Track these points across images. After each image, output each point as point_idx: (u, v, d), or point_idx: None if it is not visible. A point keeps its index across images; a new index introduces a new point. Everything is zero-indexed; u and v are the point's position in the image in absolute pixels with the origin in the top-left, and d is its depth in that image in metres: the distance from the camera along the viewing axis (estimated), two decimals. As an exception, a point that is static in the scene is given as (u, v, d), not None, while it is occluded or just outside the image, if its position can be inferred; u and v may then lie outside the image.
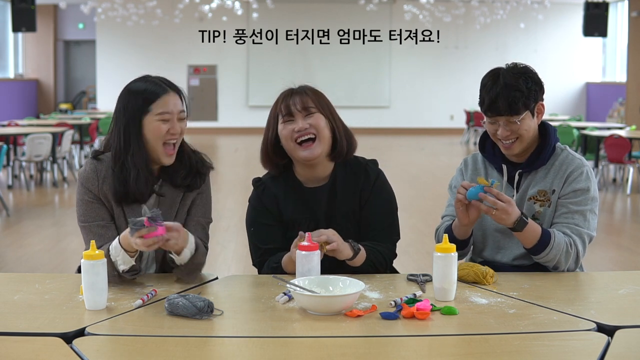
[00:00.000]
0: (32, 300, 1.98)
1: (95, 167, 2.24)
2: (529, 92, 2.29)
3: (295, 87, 2.39)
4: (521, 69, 2.33)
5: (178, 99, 2.26)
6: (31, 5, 12.47)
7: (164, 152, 2.23)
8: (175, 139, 2.24)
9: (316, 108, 2.32)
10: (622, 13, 16.49)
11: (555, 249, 2.26)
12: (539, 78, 2.35)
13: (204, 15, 16.75)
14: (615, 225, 7.44)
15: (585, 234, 2.32)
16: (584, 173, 2.35)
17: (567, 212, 2.34)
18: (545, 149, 2.39)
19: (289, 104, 2.32)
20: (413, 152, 14.35)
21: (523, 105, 2.28)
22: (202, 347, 1.69)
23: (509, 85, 2.27)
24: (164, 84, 2.26)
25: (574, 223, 2.32)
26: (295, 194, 2.38)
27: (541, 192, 2.38)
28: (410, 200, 8.04)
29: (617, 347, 1.65)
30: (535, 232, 2.26)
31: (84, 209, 2.23)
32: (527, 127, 2.32)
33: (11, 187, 9.10)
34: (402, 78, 18.23)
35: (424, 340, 1.73)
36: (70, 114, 16.08)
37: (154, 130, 2.20)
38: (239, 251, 5.74)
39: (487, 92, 2.31)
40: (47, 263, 5.49)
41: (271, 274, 2.23)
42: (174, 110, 2.23)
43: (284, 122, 2.33)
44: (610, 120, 15.65)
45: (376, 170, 2.42)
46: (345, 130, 2.39)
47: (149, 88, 2.23)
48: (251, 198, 2.44)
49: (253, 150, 14.50)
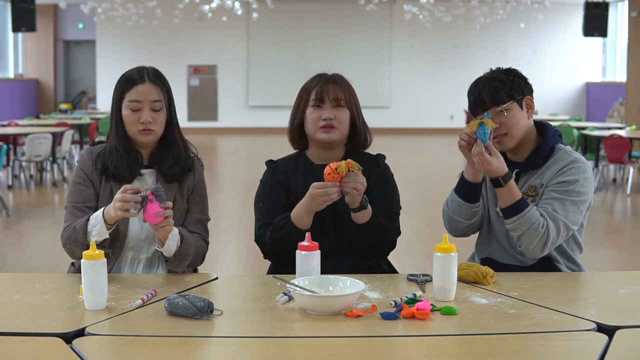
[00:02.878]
0: (32, 300, 1.98)
1: (90, 150, 2.42)
2: (512, 84, 2.35)
3: (330, 73, 2.50)
4: (502, 69, 2.43)
5: (154, 89, 2.34)
6: (31, 5, 12.47)
7: (139, 133, 2.35)
8: (147, 127, 2.33)
9: (346, 102, 2.45)
10: (622, 13, 16.50)
11: (526, 220, 2.27)
12: (523, 75, 2.41)
13: (204, 15, 16.75)
14: (615, 225, 7.44)
15: (560, 220, 2.29)
16: (574, 168, 2.35)
17: (547, 198, 2.35)
18: (542, 149, 2.40)
19: (323, 90, 2.43)
20: (413, 152, 14.36)
21: (506, 95, 2.33)
22: (202, 347, 1.69)
23: (490, 78, 2.37)
24: (144, 74, 2.36)
25: (552, 208, 2.31)
26: (306, 170, 2.49)
27: (531, 187, 2.40)
28: (410, 200, 8.04)
29: (617, 347, 1.65)
30: (513, 195, 2.29)
31: (71, 191, 2.38)
32: (515, 119, 2.34)
33: (11, 187, 9.10)
34: (402, 78, 18.23)
35: (424, 340, 1.73)
36: (70, 114, 16.08)
37: (126, 118, 2.35)
38: (239, 251, 5.74)
39: (472, 92, 2.40)
40: (47, 263, 5.49)
41: (276, 235, 2.33)
42: (144, 99, 2.33)
43: (313, 107, 2.44)
44: (610, 120, 15.65)
45: (384, 162, 2.56)
46: (364, 126, 2.52)
47: (129, 77, 2.36)
48: (262, 177, 2.54)
49: (253, 150, 14.44)
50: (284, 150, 2.58)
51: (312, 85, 2.47)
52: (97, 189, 2.36)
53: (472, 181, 2.40)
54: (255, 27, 17.66)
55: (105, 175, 2.36)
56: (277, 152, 2.81)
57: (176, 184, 2.41)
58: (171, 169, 2.40)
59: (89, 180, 2.36)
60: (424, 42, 18.11)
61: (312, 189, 2.25)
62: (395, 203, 2.51)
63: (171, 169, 2.40)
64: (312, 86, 2.46)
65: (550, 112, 16.20)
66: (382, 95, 18.20)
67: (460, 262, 2.12)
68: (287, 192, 2.46)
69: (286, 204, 2.44)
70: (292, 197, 2.44)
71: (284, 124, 2.63)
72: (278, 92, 17.38)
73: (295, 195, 2.43)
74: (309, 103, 2.45)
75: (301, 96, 2.48)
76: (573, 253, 2.46)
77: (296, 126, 2.49)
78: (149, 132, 2.35)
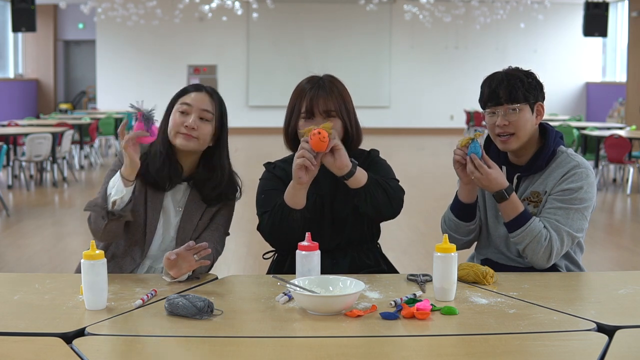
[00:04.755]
0: (32, 300, 1.98)
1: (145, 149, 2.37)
2: (529, 86, 2.34)
3: (321, 76, 2.45)
4: (522, 69, 2.40)
5: (208, 99, 2.35)
6: (31, 5, 12.47)
7: (180, 135, 2.32)
8: (189, 132, 2.30)
9: (336, 112, 2.39)
10: (622, 13, 16.50)
11: (530, 233, 2.27)
12: (540, 81, 2.40)
13: (204, 15, 16.76)
14: (615, 225, 7.44)
15: (564, 231, 2.29)
16: (577, 174, 2.33)
17: (550, 207, 2.34)
18: (543, 153, 2.38)
19: (313, 103, 2.38)
20: (413, 152, 14.36)
21: (523, 96, 2.32)
22: (202, 347, 1.69)
23: (510, 75, 2.35)
24: (202, 87, 2.39)
25: (555, 219, 2.31)
26: None
27: (534, 193, 2.38)
28: (410, 201, 8.01)
29: (617, 347, 1.65)
30: (515, 208, 2.29)
31: (107, 175, 2.33)
32: (525, 121, 2.33)
33: (11, 187, 9.10)
34: (402, 78, 18.23)
35: (424, 340, 1.73)
36: (70, 114, 16.07)
37: (172, 119, 2.34)
38: (239, 251, 5.74)
39: (488, 84, 2.37)
40: (47, 263, 5.49)
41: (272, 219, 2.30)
42: (195, 104, 2.33)
43: (304, 119, 2.40)
44: (610, 120, 15.66)
45: (376, 151, 2.53)
46: (357, 129, 2.47)
47: (187, 87, 2.39)
48: (262, 176, 2.52)
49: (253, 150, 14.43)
50: (284, 150, 2.58)
51: (302, 95, 2.41)
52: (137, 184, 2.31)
53: (467, 202, 2.40)
54: (255, 27, 17.66)
55: (144, 178, 2.32)
56: (277, 152, 2.80)
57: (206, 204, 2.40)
58: (209, 191, 2.38)
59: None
60: (424, 42, 18.11)
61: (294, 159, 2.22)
62: (390, 173, 2.46)
63: (209, 191, 2.38)
64: (302, 95, 2.41)
65: (550, 112, 16.18)
66: (382, 95, 18.20)
67: (460, 262, 2.13)
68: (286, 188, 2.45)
69: None
70: None
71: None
72: (278, 92, 17.38)
73: None
74: (300, 115, 2.41)
75: (293, 105, 2.44)
76: (575, 254, 2.45)
77: (290, 134, 2.46)
78: (190, 137, 2.31)
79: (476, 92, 2.43)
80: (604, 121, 15.63)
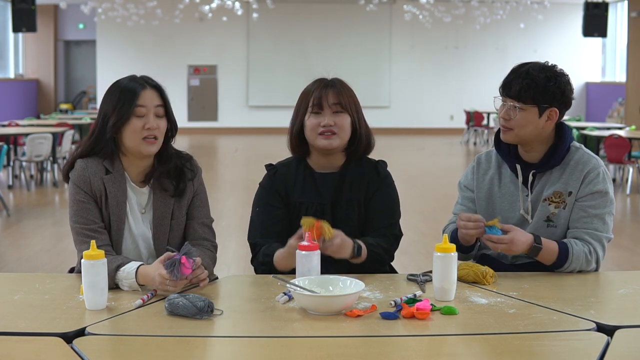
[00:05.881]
0: (32, 300, 1.98)
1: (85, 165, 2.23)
2: (545, 89, 2.25)
3: (329, 78, 2.45)
4: (552, 68, 2.31)
5: (154, 93, 2.23)
6: (31, 6, 12.47)
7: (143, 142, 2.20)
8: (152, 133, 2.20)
9: (346, 108, 2.39)
10: (622, 13, 16.49)
11: (575, 261, 2.27)
12: (566, 88, 2.30)
13: (204, 15, 16.75)
14: (615, 225, 7.38)
15: (604, 237, 2.32)
16: (600, 174, 2.32)
17: (585, 216, 2.31)
18: (559, 149, 2.34)
19: (321, 96, 2.38)
20: (413, 152, 14.35)
21: (532, 97, 2.26)
22: (202, 347, 1.69)
23: (529, 74, 2.26)
24: (143, 82, 2.24)
25: (594, 228, 2.30)
26: (305, 178, 2.45)
27: (556, 193, 2.34)
28: (410, 201, 8.03)
29: (617, 347, 1.65)
30: (552, 251, 2.26)
31: (75, 211, 2.21)
32: (526, 122, 2.28)
33: (11, 187, 9.10)
34: (402, 78, 18.22)
35: (424, 340, 1.73)
36: (70, 114, 16.08)
37: (131, 127, 2.19)
38: (239, 251, 5.74)
39: (511, 72, 2.31)
40: (47, 263, 5.49)
41: (261, 266, 2.31)
42: (148, 103, 2.21)
43: (312, 113, 2.39)
44: (609, 120, 15.65)
45: (386, 170, 2.50)
46: (366, 130, 2.46)
47: (132, 87, 2.22)
48: (262, 181, 2.50)
49: (253, 150, 14.42)
50: (284, 150, 2.56)
51: (310, 91, 2.41)
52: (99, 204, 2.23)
53: (466, 245, 2.35)
54: (255, 27, 17.65)
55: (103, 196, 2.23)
56: (276, 152, 2.81)
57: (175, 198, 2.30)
58: (174, 186, 2.28)
59: (91, 198, 2.22)
60: (424, 42, 18.11)
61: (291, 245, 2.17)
62: (396, 212, 2.46)
63: (174, 186, 2.28)
64: (310, 92, 2.41)
65: (550, 112, 16.17)
66: (382, 96, 18.20)
67: (459, 262, 2.13)
68: (285, 201, 2.43)
69: (284, 210, 2.42)
70: (290, 206, 2.42)
71: (284, 124, 2.61)
72: (278, 92, 17.39)
73: (293, 204, 2.42)
74: (307, 109, 2.40)
75: (300, 102, 2.43)
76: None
77: (295, 133, 2.43)
78: (153, 142, 2.21)
79: (476, 92, 2.45)
80: (603, 121, 15.63)
